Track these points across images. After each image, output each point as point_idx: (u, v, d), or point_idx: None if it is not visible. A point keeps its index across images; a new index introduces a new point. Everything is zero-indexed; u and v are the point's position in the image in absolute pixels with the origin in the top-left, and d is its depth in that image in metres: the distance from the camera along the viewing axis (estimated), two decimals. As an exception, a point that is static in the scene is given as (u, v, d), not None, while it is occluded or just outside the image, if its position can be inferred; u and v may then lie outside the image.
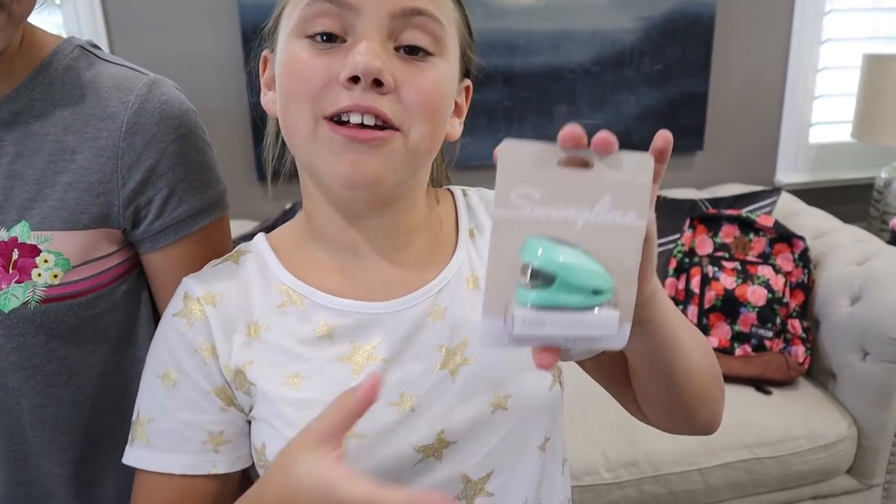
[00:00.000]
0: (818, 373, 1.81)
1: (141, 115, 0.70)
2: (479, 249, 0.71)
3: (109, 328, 0.75)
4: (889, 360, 1.61)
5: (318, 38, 0.59)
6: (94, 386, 0.76)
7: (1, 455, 0.74)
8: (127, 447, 0.68)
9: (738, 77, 2.33)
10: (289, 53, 0.60)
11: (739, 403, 1.69)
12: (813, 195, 2.39)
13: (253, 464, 0.68)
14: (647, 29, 2.18)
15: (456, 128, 0.70)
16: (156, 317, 0.79)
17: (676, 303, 1.85)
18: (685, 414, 0.66)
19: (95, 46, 0.75)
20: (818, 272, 1.85)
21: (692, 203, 2.02)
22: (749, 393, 1.73)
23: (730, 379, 1.75)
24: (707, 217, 1.92)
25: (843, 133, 2.36)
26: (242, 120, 2.05)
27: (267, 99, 0.68)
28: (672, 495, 1.61)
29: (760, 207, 1.99)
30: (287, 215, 1.84)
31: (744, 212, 1.91)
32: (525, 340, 0.47)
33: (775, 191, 2.04)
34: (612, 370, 0.73)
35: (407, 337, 0.65)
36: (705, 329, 1.80)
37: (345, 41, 0.59)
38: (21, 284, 0.68)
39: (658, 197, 1.98)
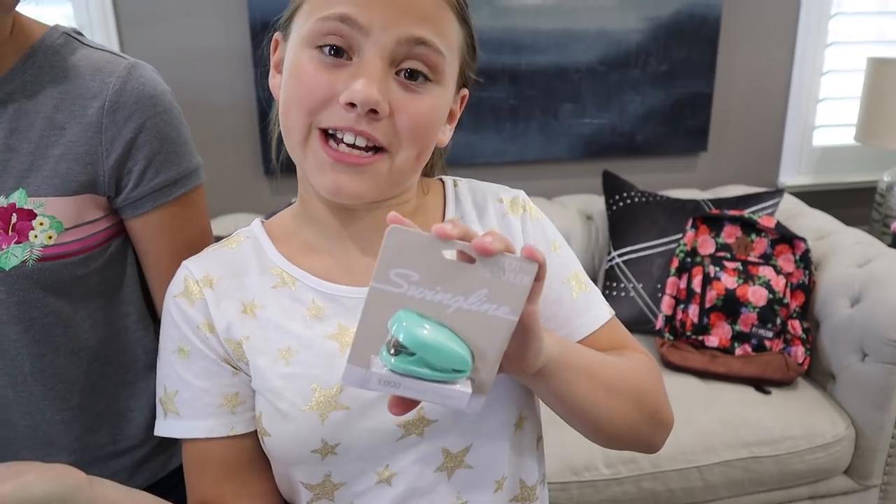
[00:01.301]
0: (817, 373, 1.82)
1: (121, 95, 0.77)
2: None
3: (99, 285, 0.82)
4: (888, 361, 1.63)
5: (327, 49, 0.62)
6: (87, 338, 0.82)
7: (10, 401, 0.81)
8: (159, 421, 0.73)
9: (743, 79, 2.34)
10: (297, 60, 0.64)
11: (739, 403, 1.70)
12: (816, 197, 2.40)
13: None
14: (653, 29, 2.20)
15: (446, 134, 0.73)
16: (140, 277, 0.87)
17: (678, 301, 1.87)
18: (614, 445, 0.73)
19: (79, 33, 0.82)
20: (819, 273, 1.86)
21: (695, 203, 2.03)
22: (748, 392, 1.74)
23: (729, 378, 1.77)
24: (709, 217, 1.93)
25: (846, 136, 2.37)
26: (249, 114, 2.07)
27: (274, 82, 0.71)
28: (670, 492, 1.62)
29: (763, 209, 2.00)
30: (292, 209, 1.86)
31: (746, 213, 1.92)
32: (382, 391, 0.52)
33: (778, 192, 2.06)
34: None
35: None
36: (706, 328, 1.82)
37: (350, 59, 0.62)
38: (20, 245, 0.75)
39: (661, 197, 1.99)
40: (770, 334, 1.79)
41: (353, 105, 0.60)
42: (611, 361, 0.70)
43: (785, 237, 1.87)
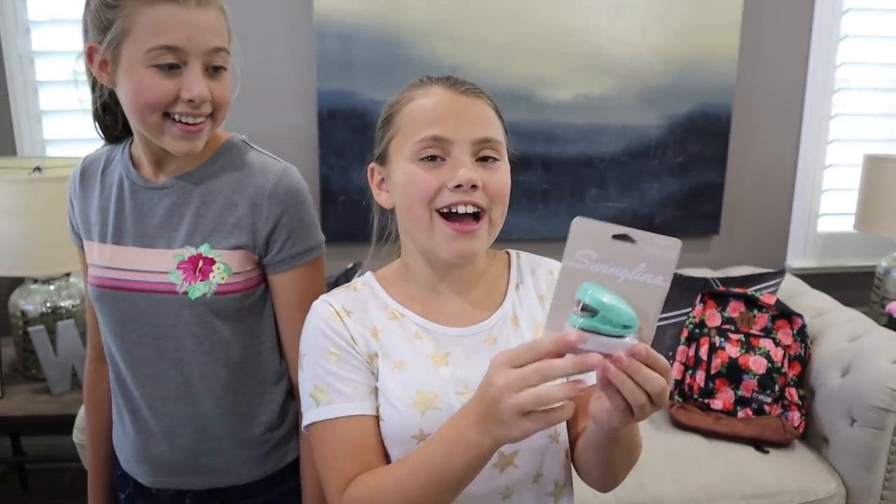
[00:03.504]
0: (812, 436, 2.02)
1: (277, 188, 1.08)
2: (520, 297, 1.01)
3: (248, 317, 1.12)
4: (874, 426, 1.82)
5: (427, 159, 0.92)
6: (237, 353, 1.12)
7: (182, 395, 1.11)
8: (309, 413, 0.94)
9: (752, 170, 2.61)
10: (408, 171, 0.93)
11: (739, 459, 1.91)
12: (820, 279, 2.62)
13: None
14: (670, 125, 2.49)
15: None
16: (274, 314, 1.16)
17: (686, 368, 2.10)
18: (601, 484, 0.96)
19: (248, 141, 1.15)
20: (815, 347, 2.08)
21: (704, 280, 2.28)
22: (748, 451, 1.94)
23: (732, 438, 1.98)
24: (716, 293, 2.17)
25: (847, 224, 2.61)
26: (312, 190, 2.35)
27: (381, 198, 1.01)
28: (676, 536, 1.81)
29: (766, 287, 2.24)
30: (349, 273, 2.12)
31: (750, 290, 2.16)
32: (571, 350, 0.68)
33: (780, 273, 2.29)
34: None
35: (469, 353, 0.96)
36: (711, 392, 2.04)
37: (444, 160, 0.92)
38: (203, 282, 1.07)
39: (675, 274, 2.25)
40: (769, 400, 2.00)
41: (459, 186, 0.88)
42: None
43: (784, 313, 2.09)
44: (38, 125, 2.40)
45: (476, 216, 0.92)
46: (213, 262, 1.07)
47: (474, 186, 0.89)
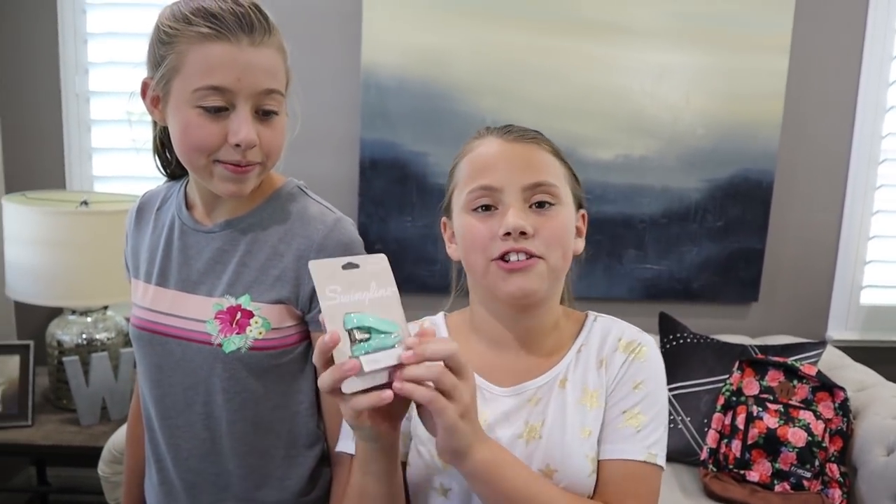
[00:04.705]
0: (854, 517, 1.94)
1: (327, 240, 1.03)
2: (577, 360, 0.96)
3: (285, 375, 1.07)
4: (920, 509, 1.75)
5: (480, 209, 0.91)
6: (269, 413, 1.06)
7: (206, 451, 1.06)
8: (344, 440, 0.98)
9: (794, 237, 2.57)
10: (466, 223, 0.93)
11: (776, 536, 1.83)
12: (862, 352, 2.53)
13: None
14: (711, 189, 2.47)
15: (579, 244, 0.98)
16: (315, 377, 1.09)
17: (721, 436, 2.04)
18: None
19: (306, 187, 1.11)
20: (857, 422, 2.01)
21: (742, 347, 2.22)
22: (786, 527, 1.87)
23: (768, 512, 1.90)
24: (755, 361, 2.12)
25: (892, 297, 2.54)
26: (352, 237, 2.39)
27: (451, 249, 1.00)
28: None
29: (806, 358, 2.18)
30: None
31: (790, 360, 2.10)
32: (370, 377, 0.72)
33: (821, 344, 2.23)
34: None
35: (508, 413, 0.93)
36: (747, 463, 1.97)
37: (497, 209, 0.91)
38: (239, 335, 1.02)
39: (712, 339, 2.21)
40: (808, 475, 1.93)
41: (508, 234, 0.87)
42: (542, 493, 0.82)
43: (825, 385, 2.03)
44: (88, 161, 2.47)
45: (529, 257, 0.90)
46: (251, 314, 1.02)
47: (524, 233, 0.88)
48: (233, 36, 0.92)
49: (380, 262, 0.79)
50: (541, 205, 0.91)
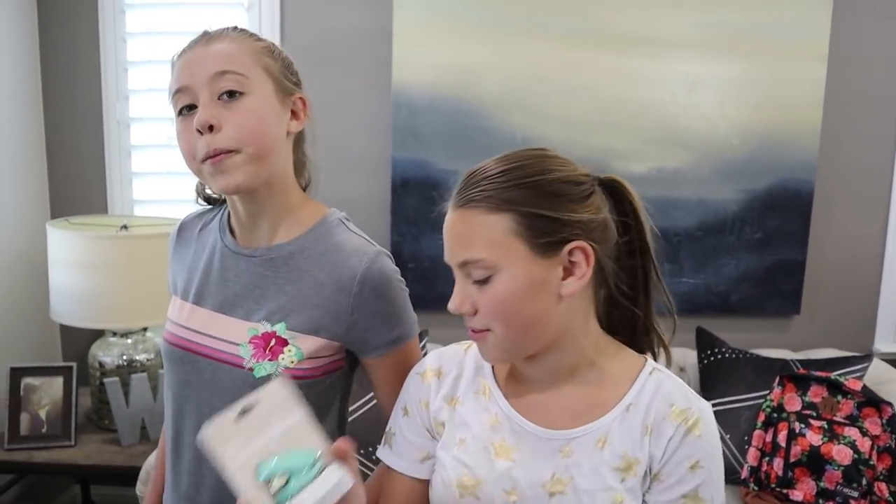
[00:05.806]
0: (904, 537, 1.87)
1: (369, 272, 1.02)
2: (623, 420, 0.87)
3: (312, 406, 1.04)
4: (974, 531, 1.67)
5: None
6: None
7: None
8: (381, 446, 1.01)
9: (836, 249, 2.50)
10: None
11: (821, 557, 1.77)
12: (912, 366, 2.46)
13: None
14: (748, 200, 2.42)
15: (566, 294, 0.87)
16: (341, 410, 1.12)
17: (762, 454, 1.98)
18: None
19: (348, 219, 1.11)
20: (906, 439, 1.94)
21: (783, 362, 2.17)
22: (832, 549, 1.81)
23: (813, 533, 1.84)
24: (796, 376, 2.06)
25: (942, 308, 2.45)
26: (385, 256, 2.40)
27: None
28: None
29: (851, 372, 2.11)
30: (416, 340, 2.12)
31: (833, 374, 2.04)
32: None
33: (867, 357, 2.17)
34: None
35: (538, 456, 0.88)
36: (790, 482, 1.92)
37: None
38: (271, 362, 1.01)
39: (751, 354, 2.16)
40: (856, 494, 1.86)
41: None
42: None
43: (872, 401, 1.97)
44: (128, 186, 2.53)
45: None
46: (285, 342, 1.01)
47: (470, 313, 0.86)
48: (191, 47, 1.00)
49: (280, 390, 0.76)
50: (478, 281, 0.86)
